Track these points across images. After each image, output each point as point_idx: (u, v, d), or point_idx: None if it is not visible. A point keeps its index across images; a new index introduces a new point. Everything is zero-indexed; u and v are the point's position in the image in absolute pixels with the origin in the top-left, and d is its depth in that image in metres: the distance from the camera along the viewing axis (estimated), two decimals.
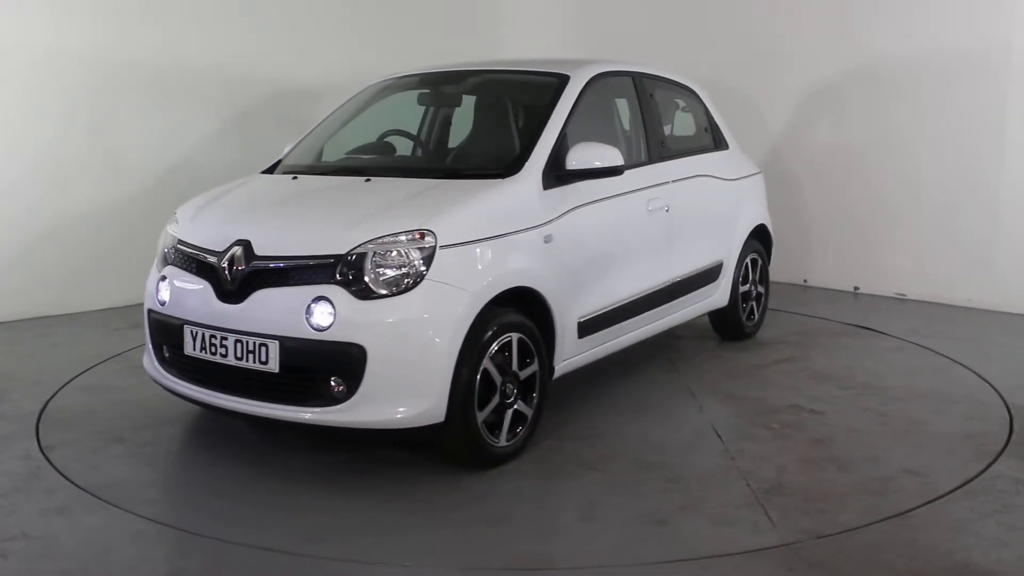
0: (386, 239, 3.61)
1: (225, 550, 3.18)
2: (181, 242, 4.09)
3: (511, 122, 4.57)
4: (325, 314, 3.55)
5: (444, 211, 3.77)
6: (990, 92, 6.61)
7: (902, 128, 7.07)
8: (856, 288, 7.52)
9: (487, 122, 4.75)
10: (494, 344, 3.76)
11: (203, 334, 3.83)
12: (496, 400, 3.81)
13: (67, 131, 6.38)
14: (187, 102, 6.87)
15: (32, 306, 6.35)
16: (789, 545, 3.21)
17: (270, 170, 4.74)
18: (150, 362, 4.22)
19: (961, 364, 5.44)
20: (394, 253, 3.60)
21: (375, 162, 4.63)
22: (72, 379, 5.05)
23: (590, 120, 4.68)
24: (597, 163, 4.21)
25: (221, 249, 3.85)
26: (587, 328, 4.36)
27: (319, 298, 3.57)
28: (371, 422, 3.58)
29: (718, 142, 5.79)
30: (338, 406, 3.58)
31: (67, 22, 6.30)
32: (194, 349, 3.87)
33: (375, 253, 3.59)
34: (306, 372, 3.63)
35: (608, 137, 4.67)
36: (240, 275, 3.75)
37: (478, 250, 3.75)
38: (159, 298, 4.07)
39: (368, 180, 4.18)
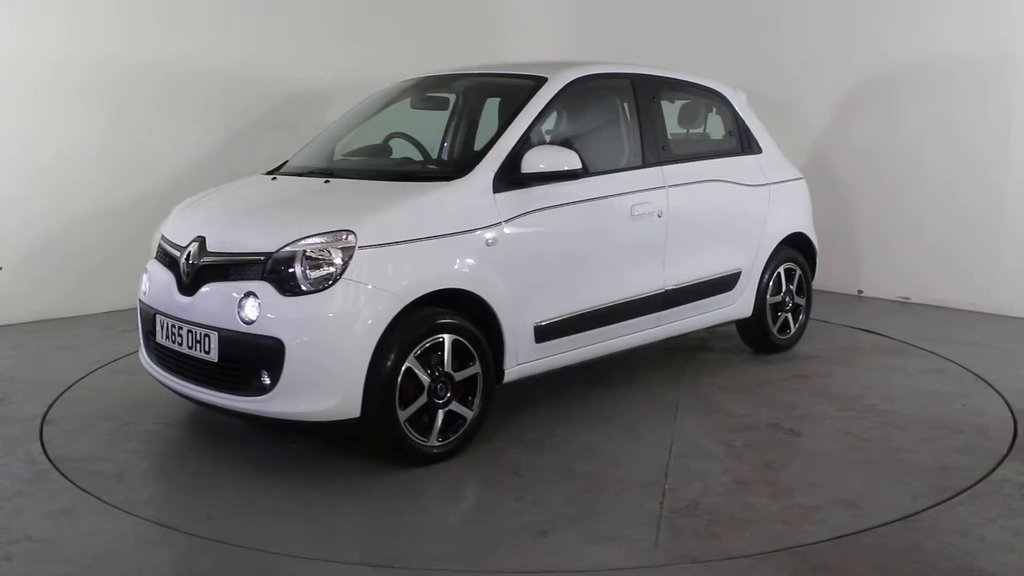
0: (311, 239, 3.76)
1: (230, 553, 3.21)
2: (163, 237, 4.40)
3: (482, 125, 4.59)
4: (253, 308, 3.75)
5: (369, 212, 3.87)
6: (995, 96, 6.61)
7: (906, 132, 7.08)
8: (860, 291, 7.43)
9: (464, 125, 4.80)
10: (421, 344, 3.83)
11: (168, 323, 4.12)
12: (424, 400, 3.87)
13: (73, 136, 6.42)
14: (194, 107, 6.89)
15: (37, 309, 6.39)
16: (661, 567, 3.11)
17: (275, 171, 4.99)
18: (141, 351, 4.55)
19: (985, 381, 5.19)
20: (317, 252, 3.74)
21: (349, 164, 4.75)
22: (76, 381, 5.10)
23: (569, 123, 4.64)
24: (552, 167, 4.18)
25: (184, 244, 4.13)
26: (547, 333, 4.34)
27: (249, 293, 3.77)
28: (289, 413, 3.75)
29: (746, 146, 5.56)
30: (262, 396, 3.76)
31: (79, 29, 6.34)
32: (162, 337, 4.17)
33: (301, 252, 3.75)
34: (238, 362, 3.84)
35: (589, 140, 4.61)
36: (194, 269, 4.01)
37: (402, 251, 3.82)
38: (143, 288, 4.41)
39: (327, 182, 4.34)
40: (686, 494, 3.68)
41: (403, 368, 3.78)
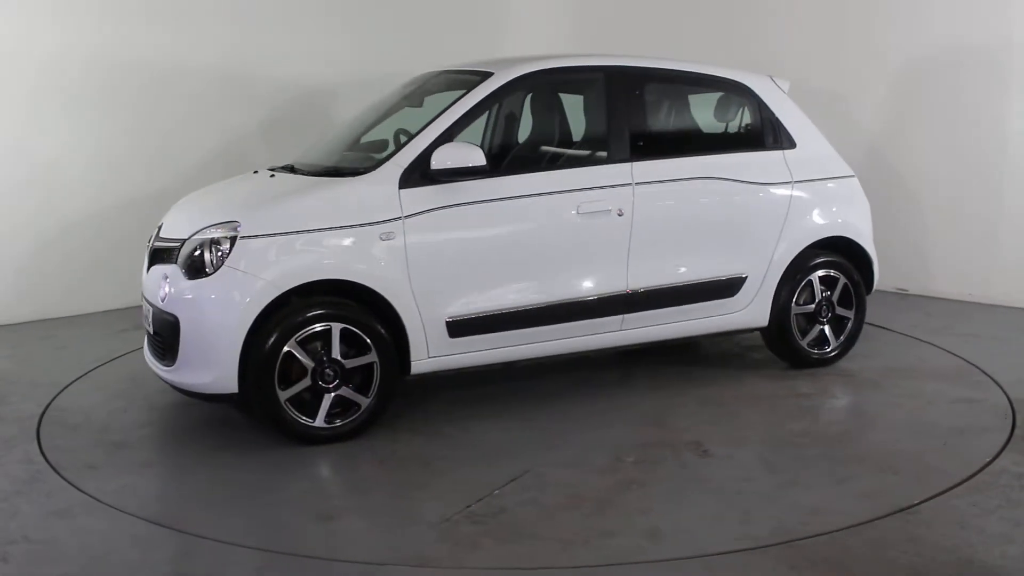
0: (209, 228, 4.14)
1: (228, 552, 3.24)
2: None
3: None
4: (166, 289, 4.21)
5: (260, 205, 4.18)
6: (994, 86, 6.47)
7: (903, 122, 6.97)
8: None
9: (414, 121, 4.87)
10: (304, 330, 4.06)
11: (143, 298, 4.72)
12: (307, 383, 4.10)
13: (69, 135, 6.35)
14: (190, 105, 6.77)
15: (35, 309, 6.31)
16: (382, 566, 3.11)
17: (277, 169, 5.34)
18: None
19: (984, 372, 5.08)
20: (211, 240, 4.10)
21: (315, 159, 4.97)
22: (74, 381, 5.09)
23: (513, 118, 4.57)
24: (455, 163, 4.20)
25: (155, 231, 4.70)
26: (461, 329, 4.34)
27: (166, 275, 4.24)
28: (183, 383, 4.19)
29: (772, 141, 5.06)
30: (171, 367, 4.22)
31: (70, 26, 6.28)
32: (142, 312, 4.78)
33: (207, 240, 4.13)
34: (160, 335, 4.32)
35: (532, 136, 4.52)
36: (150, 252, 4.56)
37: (285, 242, 4.06)
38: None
39: (273, 176, 4.68)
40: (505, 501, 3.58)
41: (283, 351, 4.04)
